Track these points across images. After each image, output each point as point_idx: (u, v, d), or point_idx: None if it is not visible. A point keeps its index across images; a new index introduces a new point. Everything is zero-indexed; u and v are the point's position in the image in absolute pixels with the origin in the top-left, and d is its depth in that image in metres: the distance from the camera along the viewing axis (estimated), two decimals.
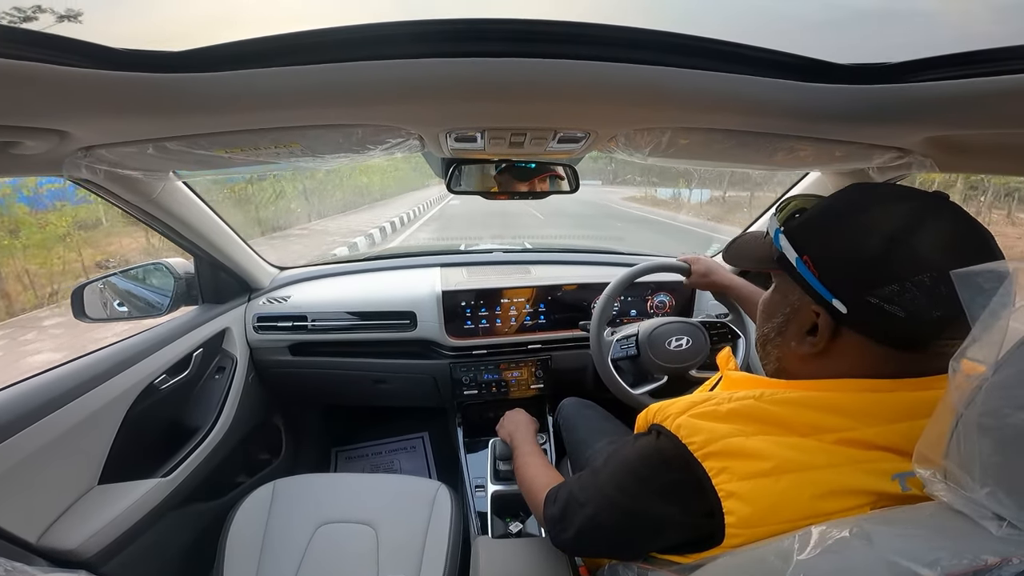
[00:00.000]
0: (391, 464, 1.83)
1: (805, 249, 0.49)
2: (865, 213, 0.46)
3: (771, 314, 0.56)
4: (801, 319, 0.51)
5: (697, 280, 1.16)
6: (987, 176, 6.06)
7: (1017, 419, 0.31)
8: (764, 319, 0.57)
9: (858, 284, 0.45)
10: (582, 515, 0.55)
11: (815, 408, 0.45)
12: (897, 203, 0.46)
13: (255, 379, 1.40)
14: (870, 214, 0.46)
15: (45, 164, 0.63)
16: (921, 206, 0.45)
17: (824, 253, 0.48)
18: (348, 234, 8.65)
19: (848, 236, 0.46)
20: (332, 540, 0.99)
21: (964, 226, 0.44)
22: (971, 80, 0.44)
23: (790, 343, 0.53)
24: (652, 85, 0.49)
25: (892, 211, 0.45)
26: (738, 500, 0.43)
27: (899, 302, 0.42)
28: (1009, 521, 0.32)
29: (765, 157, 0.76)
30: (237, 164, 0.74)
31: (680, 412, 0.49)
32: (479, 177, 0.96)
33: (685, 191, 17.72)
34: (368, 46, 0.43)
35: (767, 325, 0.57)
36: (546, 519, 0.63)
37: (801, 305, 0.51)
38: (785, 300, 0.53)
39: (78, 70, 0.40)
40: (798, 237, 0.50)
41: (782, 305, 0.54)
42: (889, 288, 0.43)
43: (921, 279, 0.42)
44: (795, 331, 0.52)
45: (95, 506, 0.87)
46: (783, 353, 0.55)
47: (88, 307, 1.09)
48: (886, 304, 0.43)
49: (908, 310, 0.42)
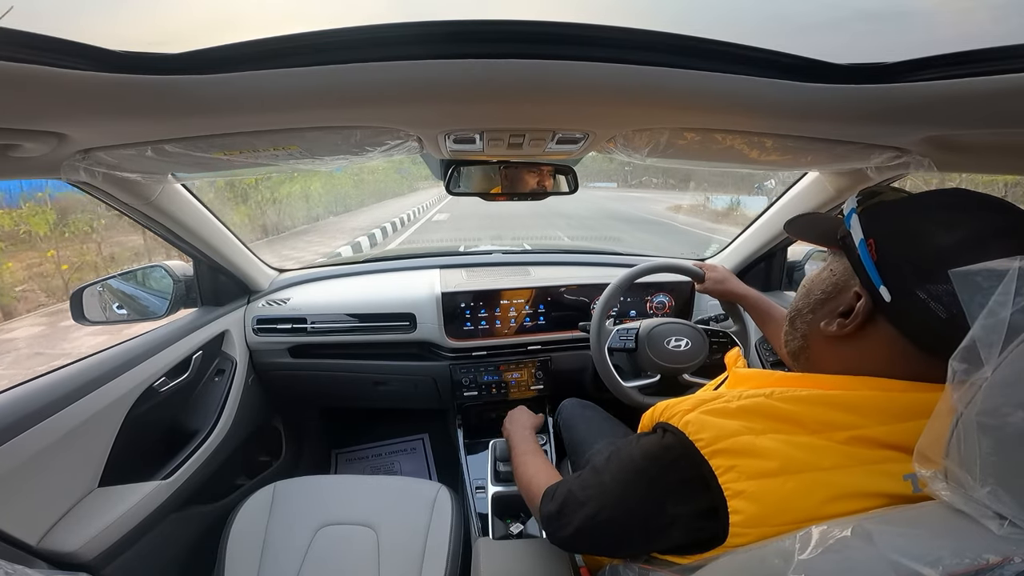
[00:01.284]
0: (391, 466, 1.83)
1: (872, 232, 0.48)
2: (952, 213, 0.45)
3: (811, 290, 0.56)
4: (840, 299, 0.51)
5: (711, 286, 1.15)
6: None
7: (1017, 418, 0.31)
8: (803, 295, 0.57)
9: (913, 275, 0.44)
10: (582, 514, 0.55)
11: (826, 405, 0.45)
12: (985, 212, 0.45)
13: (255, 381, 1.40)
14: (957, 215, 0.45)
15: (44, 166, 0.63)
16: (1007, 222, 0.44)
17: (890, 240, 0.47)
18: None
19: (921, 229, 0.45)
20: (333, 542, 0.99)
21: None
22: (968, 79, 0.44)
23: (820, 320, 0.53)
24: (650, 85, 0.50)
25: (978, 217, 0.44)
26: (745, 499, 0.42)
27: (946, 303, 0.42)
28: (1010, 520, 0.32)
29: (763, 157, 0.77)
30: (236, 166, 0.74)
31: (689, 409, 0.49)
32: (478, 178, 0.96)
33: (746, 198, 11.69)
34: (366, 48, 0.43)
35: (803, 300, 0.56)
36: (543, 516, 0.63)
37: (846, 285, 0.50)
38: (831, 278, 0.53)
39: (76, 72, 0.40)
40: (871, 220, 0.49)
41: (827, 283, 0.53)
42: (943, 287, 0.41)
43: None
44: (829, 309, 0.52)
45: (95, 509, 0.87)
46: (811, 330, 0.54)
47: (87, 310, 1.09)
48: (932, 302, 0.43)
49: (952, 312, 0.41)
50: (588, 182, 24.90)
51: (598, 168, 23.38)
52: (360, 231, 9.14)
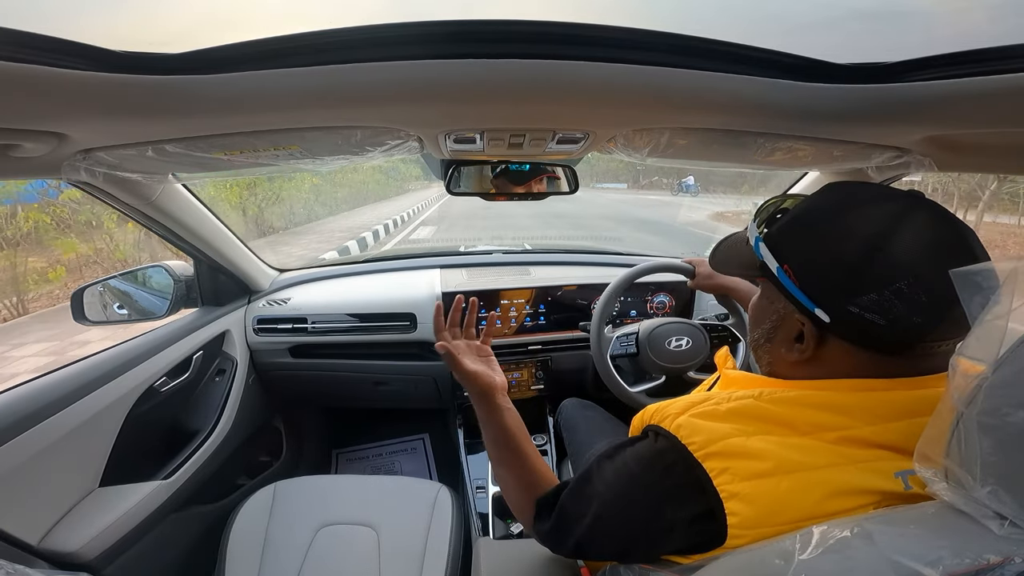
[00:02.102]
0: (392, 466, 1.83)
1: (785, 258, 0.49)
2: (841, 218, 0.46)
3: (759, 320, 0.56)
4: (788, 326, 0.51)
5: (701, 282, 1.15)
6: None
7: (1017, 418, 0.31)
8: (754, 325, 0.57)
9: (838, 293, 0.45)
10: (580, 527, 0.53)
11: (814, 407, 0.45)
12: (872, 206, 0.45)
13: (255, 381, 1.40)
14: (846, 219, 0.46)
15: (44, 166, 0.63)
16: (897, 209, 0.44)
17: (803, 262, 0.47)
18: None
19: (825, 244, 0.46)
20: (333, 542, 0.99)
21: (941, 226, 0.44)
22: (968, 79, 0.44)
23: (779, 349, 0.53)
24: (651, 85, 0.49)
25: (868, 215, 0.45)
26: (740, 501, 0.42)
27: (878, 310, 0.42)
28: (1011, 520, 0.32)
29: (763, 157, 0.77)
30: (236, 166, 0.74)
31: (680, 412, 0.49)
32: (478, 178, 0.96)
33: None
34: (367, 48, 0.43)
35: (757, 331, 0.56)
36: (537, 534, 0.61)
37: (786, 313, 0.50)
38: (771, 307, 0.53)
39: (77, 72, 0.40)
40: (777, 245, 0.50)
41: (769, 312, 0.54)
42: (868, 297, 0.43)
43: (899, 287, 0.42)
44: (783, 338, 0.52)
45: (96, 509, 0.87)
46: (773, 358, 0.55)
47: (88, 310, 1.09)
48: (866, 313, 0.43)
49: (888, 318, 0.42)
50: (596, 182, 23.40)
51: (605, 168, 22.70)
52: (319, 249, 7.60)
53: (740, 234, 0.64)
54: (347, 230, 9.19)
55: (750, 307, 0.59)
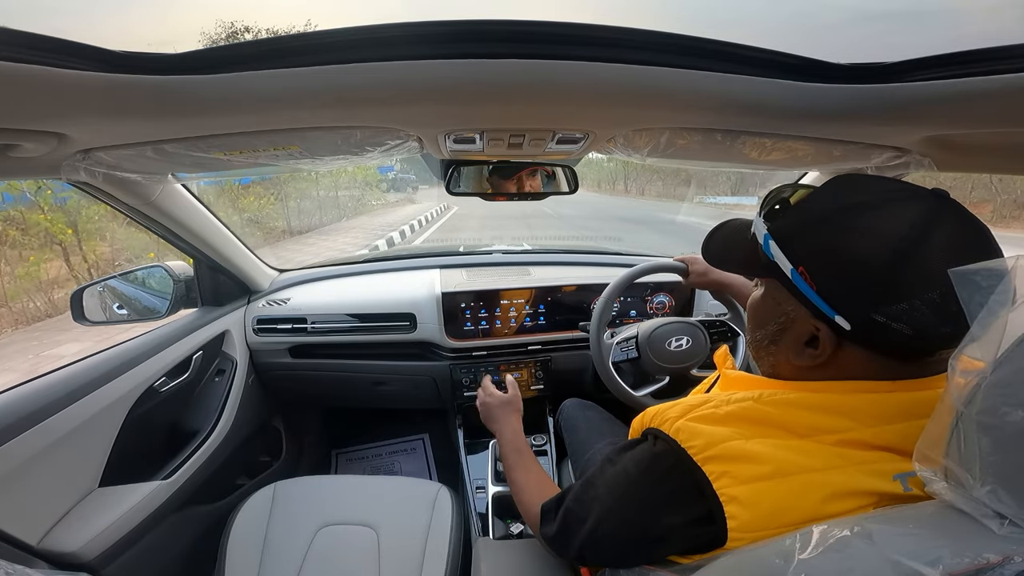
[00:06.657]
0: (391, 466, 1.83)
1: (800, 259, 0.45)
2: (864, 217, 0.43)
3: (762, 321, 0.52)
4: (798, 330, 0.48)
5: (695, 279, 1.15)
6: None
7: (1016, 417, 0.31)
8: (755, 325, 0.54)
9: (863, 301, 0.42)
10: (583, 531, 0.53)
11: (813, 409, 0.45)
12: (897, 205, 0.42)
13: (255, 381, 1.40)
14: (870, 219, 0.42)
15: (44, 167, 0.63)
16: (925, 210, 0.41)
17: (822, 265, 0.44)
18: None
19: (848, 245, 0.42)
20: (333, 542, 0.99)
21: (968, 229, 0.41)
22: (968, 79, 0.44)
23: (786, 353, 0.50)
24: (650, 86, 0.49)
25: (896, 215, 0.41)
26: (740, 504, 0.42)
27: (906, 320, 0.40)
28: (1010, 519, 0.32)
29: (763, 157, 0.77)
30: (236, 166, 0.74)
31: (679, 416, 0.49)
32: (478, 179, 0.96)
33: None
34: (366, 48, 0.43)
35: (759, 332, 0.53)
36: (544, 537, 0.61)
37: (797, 316, 0.48)
38: (778, 308, 0.50)
39: (77, 72, 0.40)
40: (790, 245, 0.46)
41: (775, 313, 0.50)
42: (898, 307, 0.40)
43: (931, 297, 0.39)
44: (791, 341, 0.49)
45: (96, 509, 0.87)
46: (777, 361, 0.52)
47: (88, 310, 1.09)
48: (893, 323, 0.41)
49: (916, 327, 0.40)
50: (704, 195, 15.46)
51: (609, 168, 21.85)
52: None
53: (734, 223, 0.60)
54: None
55: (749, 305, 0.56)
